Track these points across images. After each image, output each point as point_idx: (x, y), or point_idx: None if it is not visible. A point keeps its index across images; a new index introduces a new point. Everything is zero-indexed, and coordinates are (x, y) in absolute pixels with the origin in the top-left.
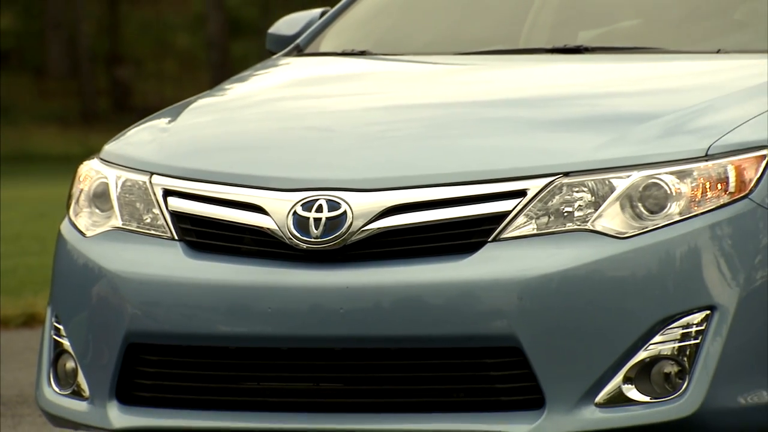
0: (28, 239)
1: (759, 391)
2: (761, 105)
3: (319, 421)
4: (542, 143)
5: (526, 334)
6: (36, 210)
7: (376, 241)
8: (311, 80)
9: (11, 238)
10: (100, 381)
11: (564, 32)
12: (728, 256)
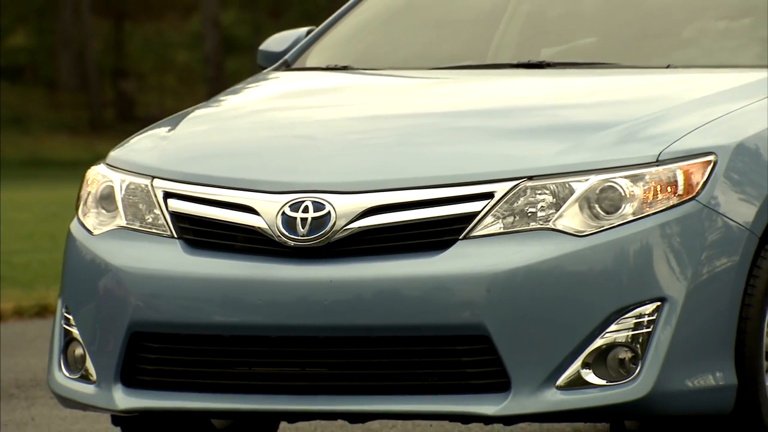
0: (40, 237)
1: (705, 376)
2: (707, 115)
3: (305, 403)
4: (508, 150)
5: (493, 323)
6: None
7: (358, 239)
8: (298, 93)
9: (25, 236)
10: (105, 366)
11: (528, 49)
12: (677, 252)
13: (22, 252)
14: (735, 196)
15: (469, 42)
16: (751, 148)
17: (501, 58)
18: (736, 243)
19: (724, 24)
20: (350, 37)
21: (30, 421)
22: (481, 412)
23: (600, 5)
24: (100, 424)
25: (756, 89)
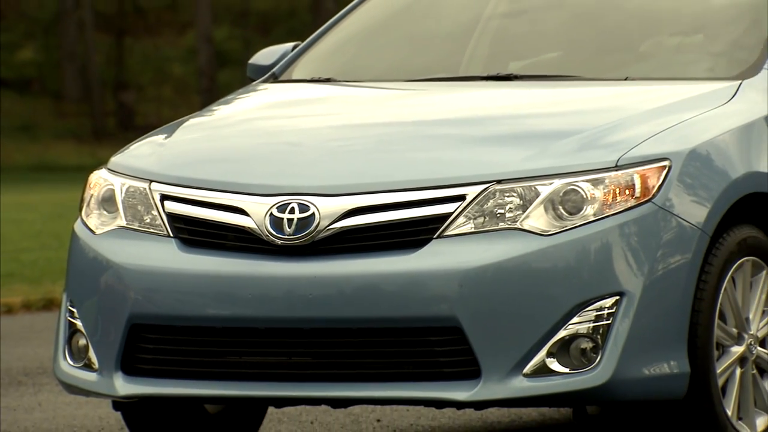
0: (47, 236)
1: (660, 364)
2: (662, 124)
3: (291, 389)
4: (478, 156)
5: (465, 316)
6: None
7: (340, 238)
8: (285, 103)
9: (33, 235)
10: (107, 355)
11: (497, 62)
12: (634, 250)
13: (29, 250)
14: (688, 198)
15: (443, 56)
16: (703, 154)
17: (472, 71)
18: (688, 242)
19: (678, 40)
20: (333, 51)
21: (37, 407)
22: (453, 397)
23: (563, 22)
24: (102, 409)
25: (707, 100)
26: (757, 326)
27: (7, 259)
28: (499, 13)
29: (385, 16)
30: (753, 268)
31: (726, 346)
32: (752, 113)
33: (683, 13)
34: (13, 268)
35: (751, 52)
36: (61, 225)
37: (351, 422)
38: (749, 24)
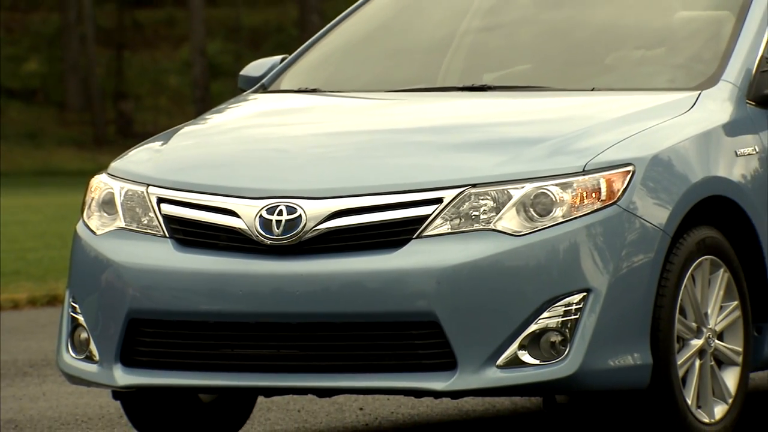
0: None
1: (625, 356)
2: (626, 132)
3: (279, 380)
4: (454, 161)
5: (442, 311)
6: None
7: (325, 238)
8: (273, 112)
9: (38, 235)
10: (107, 348)
11: (472, 74)
12: (600, 249)
13: (34, 249)
14: (650, 201)
15: (421, 68)
16: (665, 160)
17: (448, 82)
18: (651, 241)
19: (641, 53)
20: (318, 64)
21: (41, 396)
22: (431, 387)
23: (534, 37)
24: (102, 398)
25: (668, 109)
26: (715, 321)
27: (13, 257)
28: (473, 29)
29: (367, 31)
30: (711, 266)
31: (686, 339)
32: (710, 122)
33: (646, 29)
34: (19, 266)
35: (708, 65)
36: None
37: (335, 410)
38: (707, 39)
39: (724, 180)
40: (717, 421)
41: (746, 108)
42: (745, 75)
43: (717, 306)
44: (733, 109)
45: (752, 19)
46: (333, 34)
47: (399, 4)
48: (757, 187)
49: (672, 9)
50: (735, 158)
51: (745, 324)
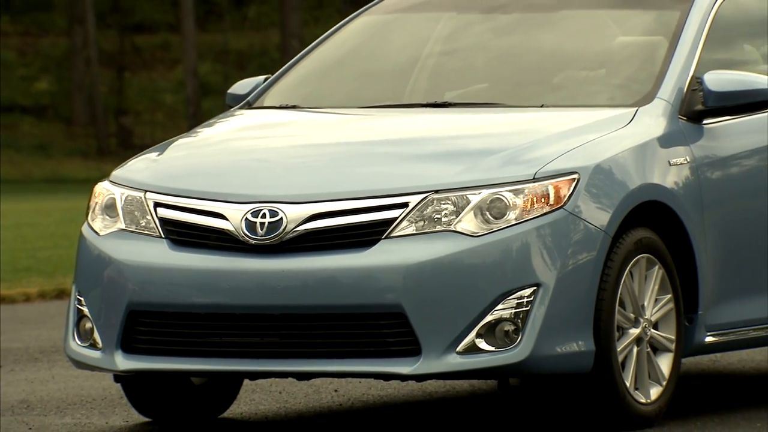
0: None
1: (570, 343)
2: (572, 143)
3: (263, 365)
4: (419, 170)
5: (408, 303)
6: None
7: (304, 238)
8: (257, 126)
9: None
10: (109, 337)
11: (434, 92)
12: (549, 248)
13: (44, 248)
14: (593, 205)
15: (389, 87)
16: (606, 169)
17: (413, 99)
18: (594, 241)
19: (585, 74)
20: (298, 83)
21: (51, 379)
22: (398, 371)
23: (489, 59)
24: (105, 381)
25: (609, 124)
26: (651, 312)
27: (25, 256)
28: (435, 53)
29: (341, 54)
30: (647, 263)
31: (625, 328)
32: (646, 135)
33: (589, 52)
34: (30, 264)
35: (645, 85)
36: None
37: (313, 392)
38: (643, 61)
39: (659, 187)
40: (652, 402)
41: (678, 123)
42: (678, 93)
43: (652, 299)
44: (667, 123)
45: (683, 44)
46: (310, 57)
47: (368, 30)
48: (688, 193)
49: (612, 34)
50: (668, 167)
51: (678, 315)
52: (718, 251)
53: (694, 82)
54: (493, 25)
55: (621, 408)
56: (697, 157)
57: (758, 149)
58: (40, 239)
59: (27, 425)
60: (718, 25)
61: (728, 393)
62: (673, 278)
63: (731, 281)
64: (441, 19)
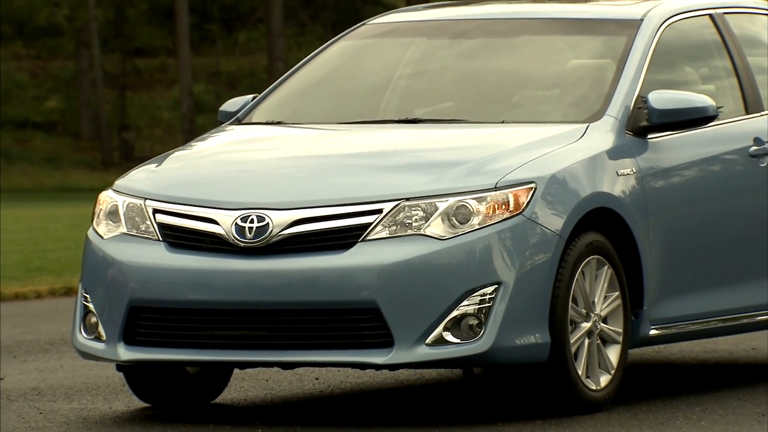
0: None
1: (528, 336)
2: (530, 156)
3: (251, 356)
4: (392, 180)
5: (382, 300)
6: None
7: (288, 241)
8: (245, 140)
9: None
10: (112, 330)
11: (406, 109)
12: (509, 250)
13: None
14: (549, 211)
15: (365, 105)
16: (560, 179)
17: (387, 116)
18: (549, 244)
19: (541, 93)
20: (283, 101)
21: (60, 368)
22: (373, 361)
23: (455, 81)
24: (108, 370)
25: (562, 138)
26: (601, 307)
27: (36, 257)
28: (406, 74)
29: (321, 75)
30: (597, 264)
31: (577, 322)
32: (596, 148)
33: (544, 74)
34: (41, 264)
35: (595, 103)
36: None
37: (296, 380)
38: (593, 82)
39: (608, 195)
40: (602, 388)
41: (625, 137)
42: (625, 110)
43: (602, 296)
44: (615, 138)
45: (630, 66)
46: (294, 78)
47: (346, 54)
48: (634, 200)
49: (565, 58)
50: (616, 177)
51: (625, 310)
52: (661, 253)
53: (639, 101)
54: (459, 50)
55: (574, 394)
56: (642, 168)
57: (697, 161)
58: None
59: (38, 410)
60: (660, 49)
61: (670, 381)
62: (621, 277)
63: (673, 280)
64: (411, 44)
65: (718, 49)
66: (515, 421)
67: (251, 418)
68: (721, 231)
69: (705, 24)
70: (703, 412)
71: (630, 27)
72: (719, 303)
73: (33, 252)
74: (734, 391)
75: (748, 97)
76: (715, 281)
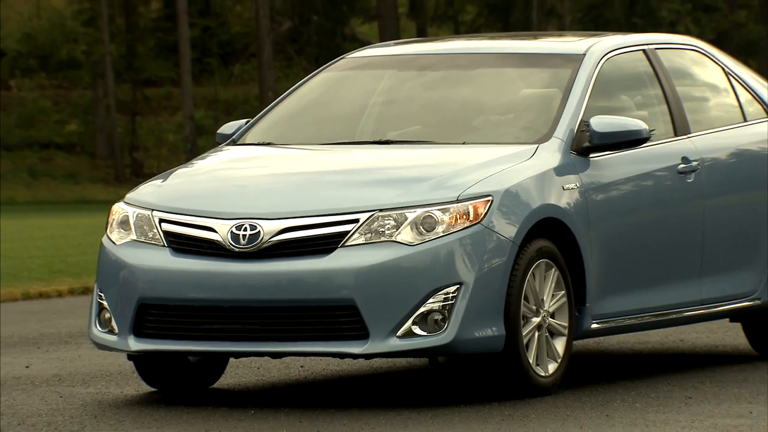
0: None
1: (486, 329)
2: (487, 172)
3: (244, 346)
4: (367, 193)
5: (359, 298)
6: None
7: (277, 246)
8: (240, 159)
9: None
10: (123, 324)
11: (379, 132)
12: (469, 255)
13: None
14: (504, 221)
15: (343, 128)
16: (514, 192)
17: (363, 137)
18: (504, 249)
19: (497, 118)
20: (272, 125)
21: (78, 357)
22: (351, 351)
23: (422, 107)
24: (120, 359)
25: (516, 157)
26: (549, 304)
27: (58, 261)
28: (379, 102)
29: (306, 102)
30: (546, 267)
31: (528, 317)
32: (545, 166)
33: (499, 102)
34: (62, 267)
35: (543, 126)
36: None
37: (284, 367)
38: (542, 108)
39: (555, 206)
40: (550, 375)
41: (570, 156)
42: (570, 133)
43: (550, 294)
44: (561, 157)
45: (574, 95)
46: (282, 105)
47: (327, 84)
48: (578, 211)
49: (518, 87)
50: (562, 191)
51: (570, 307)
52: (601, 257)
53: (582, 125)
54: (425, 80)
55: (525, 380)
56: (585, 183)
57: (632, 177)
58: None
59: (59, 394)
60: (600, 80)
61: (609, 368)
62: (566, 278)
63: (611, 280)
64: (384, 76)
65: (651, 79)
66: (474, 403)
67: (244, 400)
68: (653, 238)
69: (639, 58)
70: (637, 396)
71: (574, 61)
72: (652, 300)
73: (55, 257)
74: (664, 378)
75: (677, 121)
76: (648, 281)
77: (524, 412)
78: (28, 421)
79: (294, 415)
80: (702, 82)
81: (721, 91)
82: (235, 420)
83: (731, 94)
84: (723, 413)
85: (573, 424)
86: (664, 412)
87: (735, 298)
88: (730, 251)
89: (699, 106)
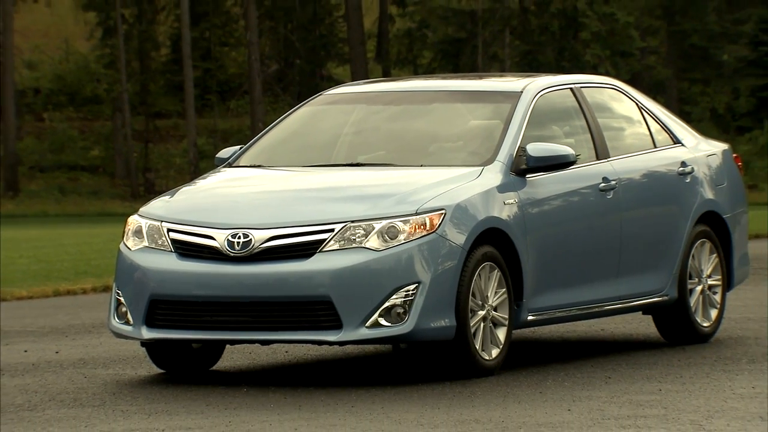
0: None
1: (440, 320)
2: (441, 189)
3: (239, 335)
4: (341, 207)
5: (334, 294)
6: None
7: (266, 252)
8: (234, 179)
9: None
10: (137, 317)
11: (351, 155)
12: (426, 258)
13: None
14: (455, 230)
15: (321, 153)
16: (463, 207)
17: (337, 161)
18: (455, 254)
19: (449, 144)
20: (262, 150)
21: (99, 344)
22: (327, 339)
23: (386, 136)
24: (134, 346)
25: (465, 177)
26: (492, 300)
27: (83, 264)
28: (351, 131)
29: (290, 132)
30: (490, 268)
31: (475, 310)
32: (489, 184)
33: (451, 131)
34: (87, 269)
35: (488, 152)
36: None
37: (272, 352)
38: (486, 136)
39: (498, 218)
40: (493, 359)
41: (510, 176)
42: (510, 157)
43: (493, 291)
44: (503, 177)
45: (513, 126)
46: (270, 133)
47: (308, 116)
48: (517, 222)
49: (466, 119)
50: (504, 205)
51: (509, 302)
52: (536, 260)
53: (520, 150)
54: (389, 113)
55: (473, 363)
56: (522, 199)
57: (561, 194)
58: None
59: (83, 375)
60: (535, 113)
61: (543, 353)
62: (507, 278)
63: (544, 280)
64: (355, 109)
65: (577, 112)
66: (430, 382)
67: (239, 380)
68: (579, 244)
69: (567, 95)
70: (566, 376)
71: (513, 97)
72: (578, 296)
73: (80, 260)
74: (588, 361)
75: (598, 147)
76: (575, 280)
77: (472, 389)
78: (57, 397)
79: (280, 392)
80: (619, 115)
81: (635, 122)
82: (231, 397)
83: (644, 125)
84: (637, 390)
85: (512, 400)
86: (588, 389)
87: (647, 294)
88: (643, 255)
89: (617, 135)
